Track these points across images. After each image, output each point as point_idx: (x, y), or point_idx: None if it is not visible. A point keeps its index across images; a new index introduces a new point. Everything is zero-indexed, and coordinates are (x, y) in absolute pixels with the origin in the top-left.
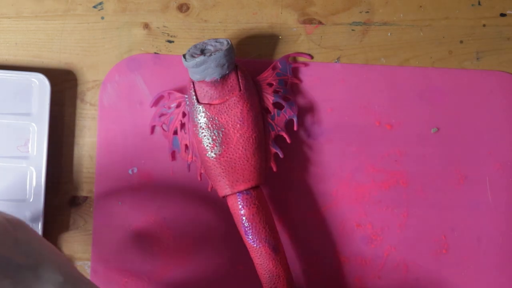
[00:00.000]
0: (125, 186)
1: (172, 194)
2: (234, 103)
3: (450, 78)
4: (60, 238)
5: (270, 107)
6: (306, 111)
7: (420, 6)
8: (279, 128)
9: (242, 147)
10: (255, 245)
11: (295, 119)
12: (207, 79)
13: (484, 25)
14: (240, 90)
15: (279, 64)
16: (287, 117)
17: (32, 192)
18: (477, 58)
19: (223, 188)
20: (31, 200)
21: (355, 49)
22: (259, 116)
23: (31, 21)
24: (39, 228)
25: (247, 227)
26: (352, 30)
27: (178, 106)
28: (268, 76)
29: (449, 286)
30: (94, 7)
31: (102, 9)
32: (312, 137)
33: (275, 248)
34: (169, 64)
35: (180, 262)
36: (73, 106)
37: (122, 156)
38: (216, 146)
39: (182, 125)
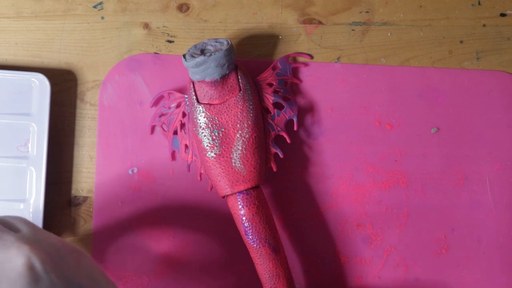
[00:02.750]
0: (125, 186)
1: (172, 194)
2: (234, 103)
3: (450, 78)
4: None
5: (270, 107)
6: (306, 111)
7: (420, 6)
8: (279, 128)
9: (242, 147)
10: (255, 245)
11: (295, 119)
12: (207, 79)
13: (484, 25)
14: (240, 90)
15: (279, 64)
16: (287, 117)
17: (32, 192)
18: (477, 58)
19: (223, 188)
20: (31, 200)
21: (355, 49)
22: (259, 116)
23: (31, 21)
24: None
25: (247, 227)
26: (352, 30)
27: (178, 106)
28: (268, 76)
29: (449, 286)
30: (94, 7)
31: (102, 9)
32: (312, 137)
33: (275, 248)
34: (169, 64)
35: (180, 262)
36: (73, 106)
37: (122, 156)
38: (216, 146)
39: (182, 125)
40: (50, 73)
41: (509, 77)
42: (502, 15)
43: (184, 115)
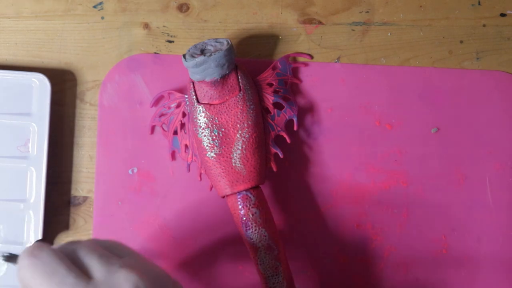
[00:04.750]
0: (125, 186)
1: (172, 194)
2: (234, 103)
3: (450, 78)
4: (60, 238)
5: (270, 107)
6: (306, 111)
7: (420, 6)
8: (279, 128)
9: (242, 147)
10: (255, 245)
11: (295, 119)
12: (207, 79)
13: (484, 25)
14: (240, 90)
15: (279, 64)
16: (287, 117)
17: (32, 192)
18: (477, 58)
19: (223, 188)
20: (31, 200)
21: (355, 49)
22: (259, 116)
23: (31, 21)
24: (39, 228)
25: (247, 227)
26: (352, 30)
27: (178, 106)
28: (268, 76)
29: (449, 286)
30: (94, 7)
31: (102, 9)
32: (312, 137)
33: (275, 248)
34: (169, 64)
35: (180, 262)
36: (73, 106)
37: (122, 156)
38: (216, 146)
39: (182, 125)
40: (50, 73)
41: (509, 77)
42: (502, 15)
43: (184, 115)
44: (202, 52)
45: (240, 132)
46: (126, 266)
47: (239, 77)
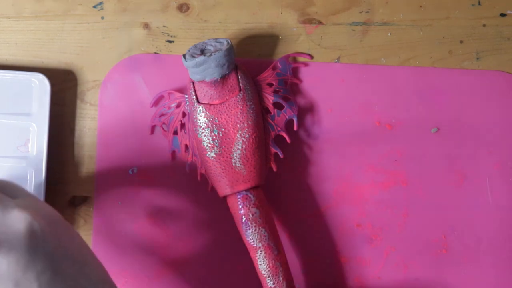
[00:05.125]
0: (125, 186)
1: (172, 194)
2: (234, 103)
3: (450, 78)
4: None
5: (270, 107)
6: (306, 111)
7: (420, 6)
8: (279, 128)
9: (242, 147)
10: (255, 245)
11: (295, 119)
12: (207, 79)
13: (484, 25)
14: (240, 90)
15: (279, 64)
16: (287, 117)
17: (32, 192)
18: (477, 58)
19: (223, 188)
20: None
21: (355, 49)
22: (259, 116)
23: (31, 21)
24: None
25: (247, 227)
26: (352, 30)
27: (178, 106)
28: (268, 76)
29: (449, 286)
30: (94, 7)
31: (102, 9)
32: (312, 137)
33: (275, 248)
34: (169, 64)
35: (180, 262)
36: (73, 106)
37: (122, 156)
38: (216, 146)
39: (182, 125)
40: (50, 73)
41: (509, 77)
42: (502, 15)
43: (184, 115)
44: (202, 52)
45: (240, 132)
46: (20, 206)
47: (239, 77)
